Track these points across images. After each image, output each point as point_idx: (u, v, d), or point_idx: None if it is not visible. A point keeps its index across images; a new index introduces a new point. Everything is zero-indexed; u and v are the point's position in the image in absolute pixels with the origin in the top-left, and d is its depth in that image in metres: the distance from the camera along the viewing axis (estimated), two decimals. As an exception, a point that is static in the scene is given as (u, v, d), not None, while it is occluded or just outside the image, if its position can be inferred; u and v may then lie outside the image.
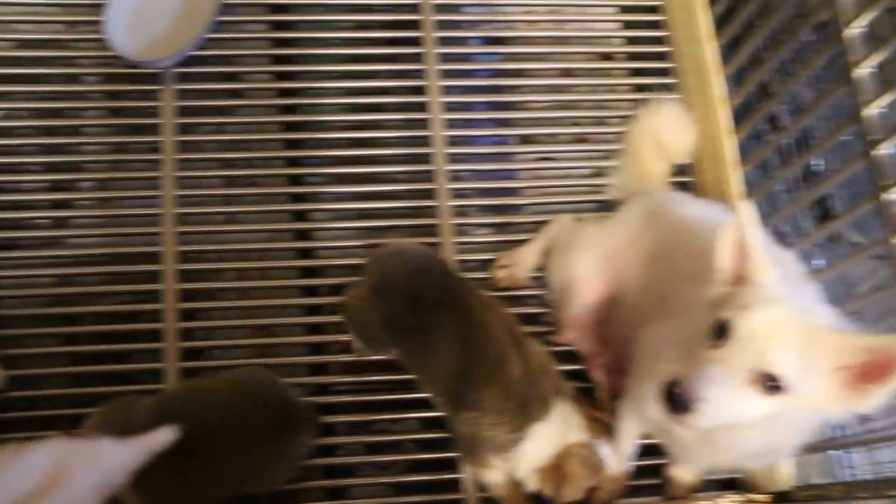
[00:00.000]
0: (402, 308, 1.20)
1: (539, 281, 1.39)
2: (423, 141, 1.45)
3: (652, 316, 1.15)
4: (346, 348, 1.35)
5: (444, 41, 1.49)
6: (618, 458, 1.22)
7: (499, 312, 1.23)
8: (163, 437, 0.64)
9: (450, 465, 1.31)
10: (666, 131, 1.37)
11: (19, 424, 1.27)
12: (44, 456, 0.55)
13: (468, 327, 1.19)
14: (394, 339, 1.23)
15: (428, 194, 1.43)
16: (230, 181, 1.42)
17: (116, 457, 0.61)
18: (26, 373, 1.30)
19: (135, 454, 0.62)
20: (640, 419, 1.18)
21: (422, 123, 1.46)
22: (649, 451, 1.28)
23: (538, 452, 1.15)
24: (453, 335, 1.18)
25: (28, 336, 1.33)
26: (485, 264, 1.41)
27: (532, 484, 1.18)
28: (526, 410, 1.15)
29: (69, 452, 0.57)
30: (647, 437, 1.25)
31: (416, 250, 1.29)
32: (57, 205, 1.39)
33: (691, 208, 1.25)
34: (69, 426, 1.20)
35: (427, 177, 1.44)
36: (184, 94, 1.43)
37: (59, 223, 1.39)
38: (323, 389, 1.34)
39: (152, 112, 1.42)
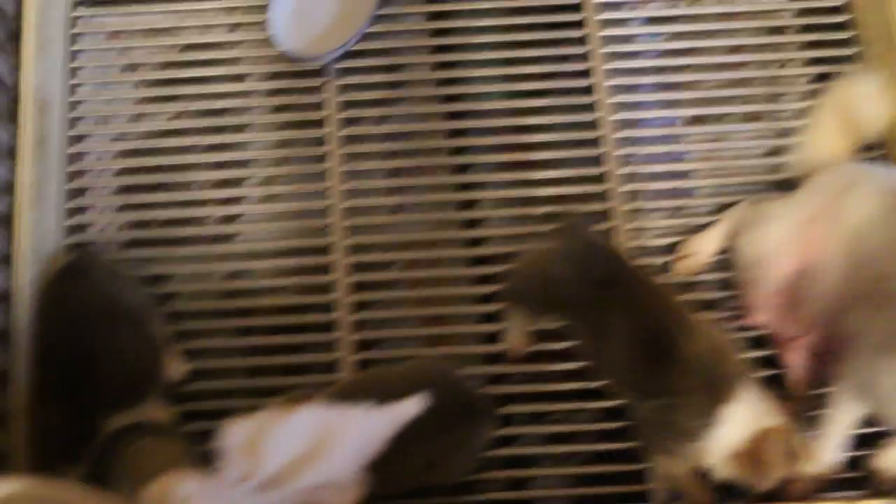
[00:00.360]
0: (568, 275, 1.16)
1: (719, 264, 1.33)
2: (591, 125, 1.41)
3: (866, 294, 1.07)
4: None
5: (608, 23, 1.45)
6: (823, 448, 1.14)
7: (669, 295, 1.17)
8: (414, 405, 0.60)
9: (632, 455, 1.26)
10: (861, 106, 1.30)
11: (201, 416, 1.27)
12: (310, 420, 0.51)
13: (638, 310, 1.14)
14: (558, 307, 1.20)
15: (598, 179, 1.38)
16: (395, 172, 1.40)
17: (374, 424, 0.57)
18: (205, 365, 1.31)
19: (390, 422, 0.58)
20: (867, 405, 1.10)
21: (588, 107, 1.41)
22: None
23: (731, 437, 1.08)
24: (624, 317, 1.13)
25: (205, 330, 1.33)
26: (659, 250, 1.35)
27: (722, 472, 1.11)
28: (713, 392, 1.09)
29: (332, 418, 0.53)
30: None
31: (589, 228, 1.25)
32: (226, 201, 1.39)
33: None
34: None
35: (595, 161, 1.39)
36: (346, 88, 1.42)
37: (229, 219, 1.39)
38: (498, 379, 1.31)
39: (317, 107, 1.41)
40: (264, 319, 1.33)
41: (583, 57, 1.44)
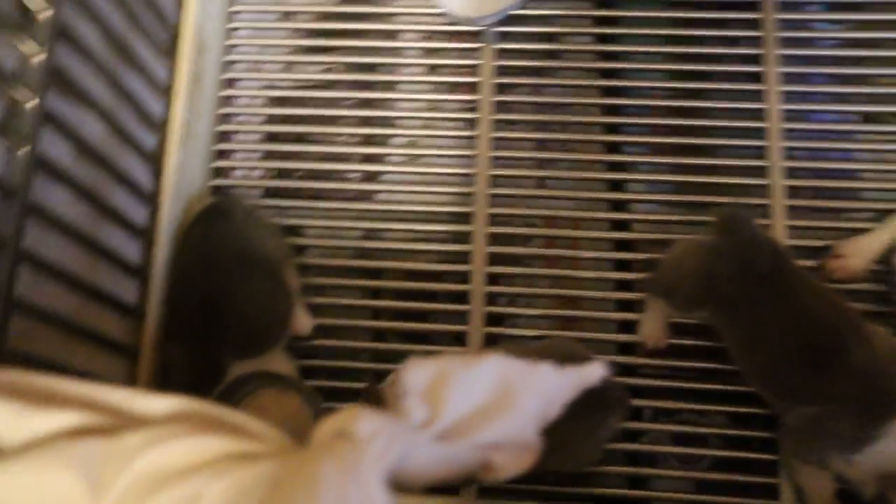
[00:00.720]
0: (731, 270, 1.10)
1: (876, 275, 1.23)
2: (757, 114, 1.32)
3: None
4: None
5: (785, 6, 1.36)
6: None
7: (832, 297, 1.10)
8: (597, 371, 0.54)
9: (763, 467, 1.18)
10: None
11: (322, 373, 1.27)
12: (496, 370, 0.46)
13: (803, 310, 1.07)
14: (709, 303, 1.13)
15: (759, 172, 1.30)
16: (545, 144, 1.34)
17: (557, 386, 0.51)
18: (330, 322, 1.29)
19: (573, 386, 0.52)
20: None
21: (755, 95, 1.33)
22: None
23: (893, 453, 1.00)
24: (785, 317, 1.07)
25: (333, 287, 1.31)
26: (817, 252, 1.26)
27: (871, 490, 1.02)
28: (882, 403, 1.00)
29: (516, 372, 0.47)
30: None
31: (754, 221, 1.17)
32: (368, 159, 1.36)
33: None
34: (369, 380, 1.17)
35: (758, 153, 1.30)
36: (503, 54, 1.38)
37: (370, 177, 1.36)
38: (630, 370, 1.25)
39: (471, 71, 1.37)
40: (395, 283, 1.30)
41: (755, 41, 1.35)
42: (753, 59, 1.35)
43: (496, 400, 0.45)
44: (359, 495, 0.43)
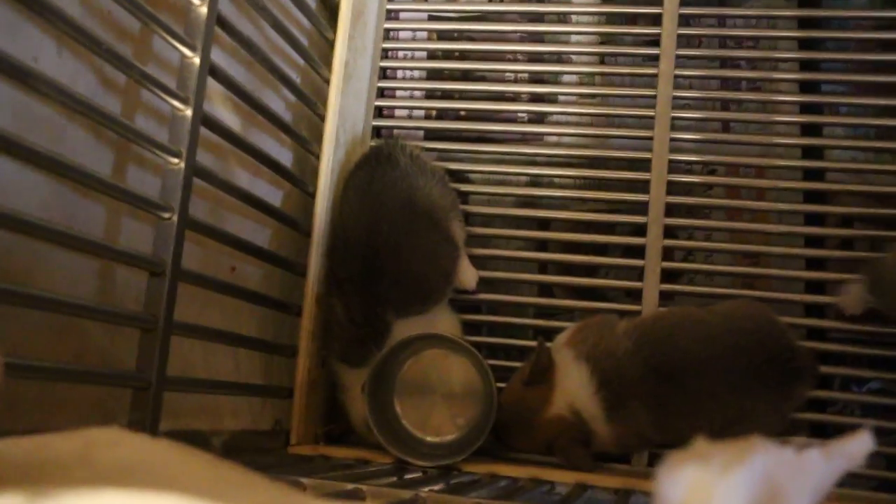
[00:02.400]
0: None
1: None
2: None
3: None
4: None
5: None
6: None
7: None
8: (866, 444, 0.45)
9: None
10: None
11: (485, 328, 1.23)
12: (759, 473, 0.37)
13: None
14: None
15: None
16: (730, 84, 1.23)
17: (826, 474, 0.42)
18: (494, 275, 1.23)
19: (842, 469, 0.43)
20: None
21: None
22: None
23: None
24: None
25: (498, 237, 1.25)
26: None
27: None
28: None
29: (782, 469, 0.39)
30: None
31: None
32: (537, 98, 1.27)
33: None
34: (535, 335, 1.17)
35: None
36: (688, -19, 1.25)
37: (538, 118, 1.27)
38: (818, 334, 1.15)
39: (654, 0, 1.25)
40: (563, 234, 1.23)
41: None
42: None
43: (764, 500, 0.38)
44: None
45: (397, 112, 1.30)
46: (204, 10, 0.85)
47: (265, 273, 1.08)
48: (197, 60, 0.84)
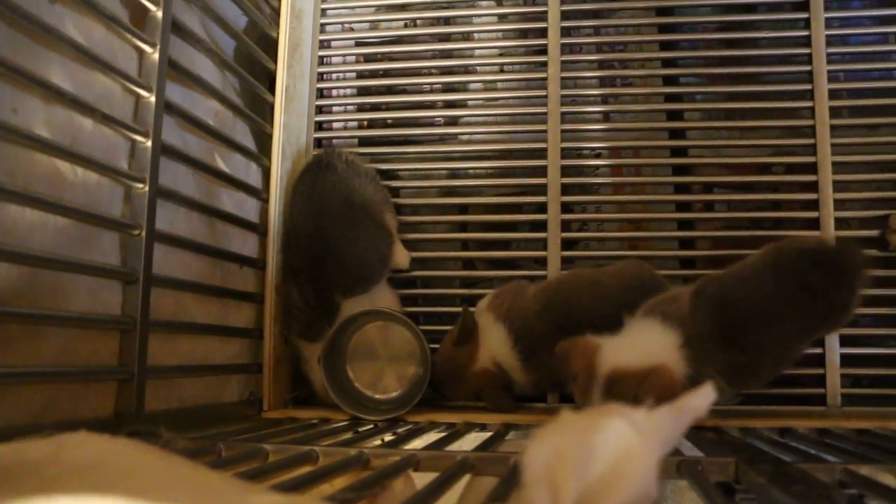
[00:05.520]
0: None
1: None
2: (801, 41, 1.21)
3: None
4: (714, 244, 1.19)
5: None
6: None
7: None
8: (708, 396, 0.46)
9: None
10: None
11: (420, 300, 1.25)
12: (613, 438, 0.38)
13: None
14: None
15: (803, 95, 1.19)
16: (607, 81, 1.25)
17: (676, 426, 0.43)
18: (424, 255, 1.24)
19: (689, 420, 0.44)
20: None
21: (799, 23, 1.21)
22: None
23: None
24: None
25: (425, 223, 1.26)
26: (866, 185, 1.16)
27: None
28: None
29: (635, 432, 0.40)
30: None
31: None
32: (449, 105, 1.28)
33: None
34: (461, 303, 1.19)
35: (804, 77, 1.20)
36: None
37: (452, 121, 1.28)
38: (689, 281, 1.17)
39: (539, 16, 1.26)
40: (480, 216, 1.24)
41: (801, -29, 1.21)
42: (800, -10, 1.22)
43: (619, 465, 0.39)
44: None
45: (334, 125, 1.30)
46: (156, 56, 0.85)
47: (230, 270, 1.08)
48: (153, 99, 0.84)
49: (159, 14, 0.84)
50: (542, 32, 1.25)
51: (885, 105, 1.18)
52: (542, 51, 1.25)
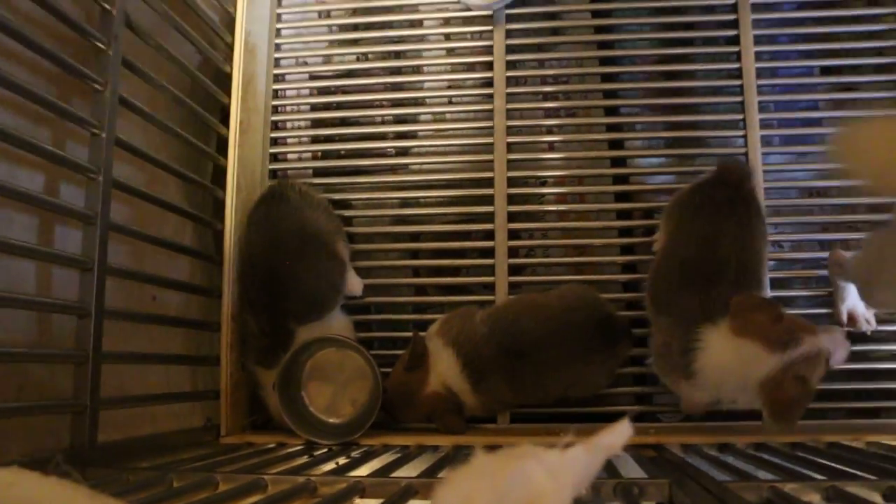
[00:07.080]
0: None
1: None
2: (734, 73, 1.26)
3: None
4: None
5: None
6: None
7: None
8: (624, 432, 0.47)
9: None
10: None
11: (373, 325, 1.26)
12: (523, 480, 0.39)
13: None
14: None
15: (736, 125, 1.24)
16: (551, 112, 1.28)
17: (589, 464, 0.44)
18: (377, 282, 1.25)
19: (603, 458, 0.45)
20: None
21: (733, 56, 1.26)
22: None
23: None
24: None
25: (378, 251, 1.27)
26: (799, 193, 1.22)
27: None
28: None
29: (547, 472, 0.41)
30: None
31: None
32: (400, 136, 1.30)
33: None
34: (414, 328, 1.17)
35: (737, 108, 1.24)
36: (513, 34, 1.30)
37: (402, 152, 1.31)
38: (633, 305, 1.22)
39: (485, 51, 1.30)
40: (430, 244, 1.26)
41: (731, 8, 1.27)
42: (731, 24, 1.27)
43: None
44: None
45: (289, 156, 1.31)
46: (108, 93, 0.86)
47: (184, 299, 1.09)
48: (104, 135, 0.85)
49: (110, 52, 0.85)
50: (489, 66, 1.28)
51: (811, 134, 1.23)
52: (489, 83, 1.28)
